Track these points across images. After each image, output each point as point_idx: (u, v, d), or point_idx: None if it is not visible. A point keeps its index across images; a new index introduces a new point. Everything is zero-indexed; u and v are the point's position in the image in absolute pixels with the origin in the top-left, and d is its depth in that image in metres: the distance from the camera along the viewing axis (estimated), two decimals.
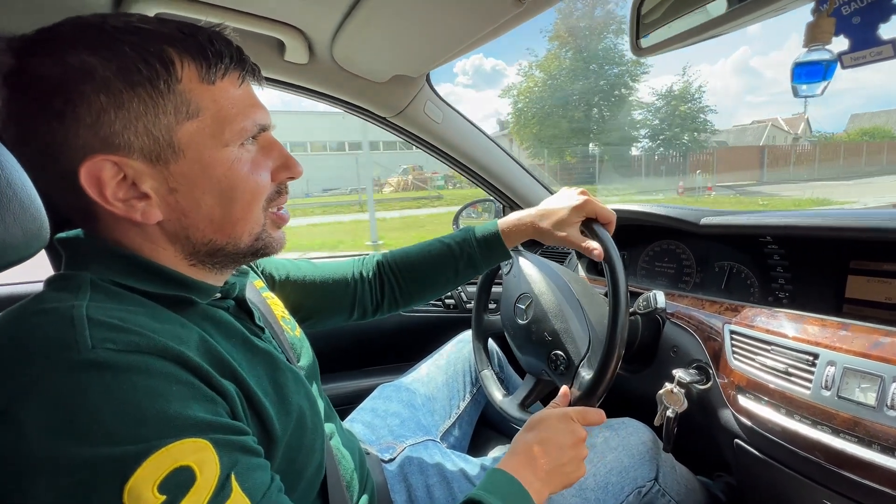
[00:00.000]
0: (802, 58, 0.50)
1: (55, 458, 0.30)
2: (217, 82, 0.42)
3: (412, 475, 0.74)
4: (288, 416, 0.46)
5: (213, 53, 0.41)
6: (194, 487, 0.32)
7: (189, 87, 0.41)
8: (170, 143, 0.40)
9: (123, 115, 0.38)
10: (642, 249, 1.13)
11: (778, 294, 0.85)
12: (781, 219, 0.79)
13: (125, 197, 0.40)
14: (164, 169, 0.41)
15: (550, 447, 0.58)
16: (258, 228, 0.47)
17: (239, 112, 0.43)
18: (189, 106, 0.41)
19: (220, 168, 0.43)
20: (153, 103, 0.39)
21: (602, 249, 0.71)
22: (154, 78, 0.39)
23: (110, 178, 0.39)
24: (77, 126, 0.38)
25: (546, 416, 0.62)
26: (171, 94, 0.40)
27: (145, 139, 0.39)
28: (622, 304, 0.66)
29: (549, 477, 0.56)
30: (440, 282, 0.82)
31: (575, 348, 0.78)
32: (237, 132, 0.43)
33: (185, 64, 0.40)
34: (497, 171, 1.30)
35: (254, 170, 0.45)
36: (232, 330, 0.47)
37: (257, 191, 0.46)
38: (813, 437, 0.60)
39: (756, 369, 0.69)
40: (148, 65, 0.38)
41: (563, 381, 0.78)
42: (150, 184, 0.41)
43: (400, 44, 0.88)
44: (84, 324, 0.34)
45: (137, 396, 0.32)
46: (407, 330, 1.37)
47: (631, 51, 0.58)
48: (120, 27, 0.39)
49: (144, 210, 0.41)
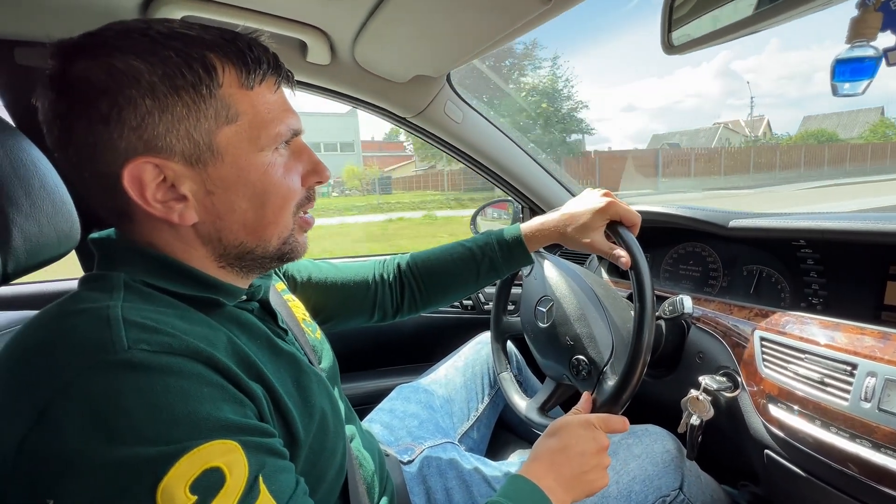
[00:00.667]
0: (845, 54, 0.47)
1: (91, 457, 0.30)
2: (255, 88, 0.43)
3: (431, 477, 0.74)
4: (311, 419, 0.46)
5: (253, 59, 0.42)
6: (224, 489, 0.32)
7: (229, 92, 0.41)
8: (209, 146, 0.41)
9: (167, 119, 0.39)
10: (666, 252, 1.10)
11: (811, 300, 0.82)
12: (817, 222, 0.76)
13: (164, 199, 0.41)
14: (203, 171, 0.41)
15: (573, 454, 0.57)
16: (287, 233, 0.48)
17: (274, 117, 0.44)
18: (229, 110, 0.42)
19: (255, 172, 0.43)
20: (195, 107, 0.40)
21: (629, 257, 0.69)
22: (197, 83, 0.40)
23: (151, 180, 0.40)
24: (122, 129, 0.38)
25: (568, 422, 0.61)
26: (212, 99, 0.41)
27: (186, 142, 0.40)
28: (648, 311, 0.64)
29: (571, 484, 0.55)
30: (461, 285, 0.82)
31: (598, 354, 0.76)
32: (272, 137, 0.44)
33: (226, 69, 0.41)
34: (517, 171, 1.28)
35: (286, 174, 0.46)
36: (257, 332, 0.48)
37: (289, 195, 0.47)
38: (850, 450, 0.57)
39: (788, 378, 0.66)
40: (192, 70, 0.39)
41: (585, 386, 0.77)
42: (189, 186, 0.41)
43: (422, 44, 0.88)
44: (120, 324, 0.35)
45: (170, 398, 0.33)
46: (425, 331, 1.37)
47: (662, 49, 0.56)
48: (165, 33, 0.40)
49: (182, 212, 0.42)
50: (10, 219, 0.44)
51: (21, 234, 0.45)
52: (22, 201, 0.46)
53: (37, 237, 0.47)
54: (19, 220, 0.45)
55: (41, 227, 0.47)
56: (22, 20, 0.72)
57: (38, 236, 0.47)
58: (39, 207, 0.48)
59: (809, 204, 12.89)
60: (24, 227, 0.45)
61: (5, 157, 0.45)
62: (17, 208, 0.45)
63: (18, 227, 0.45)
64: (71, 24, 0.72)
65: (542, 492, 0.52)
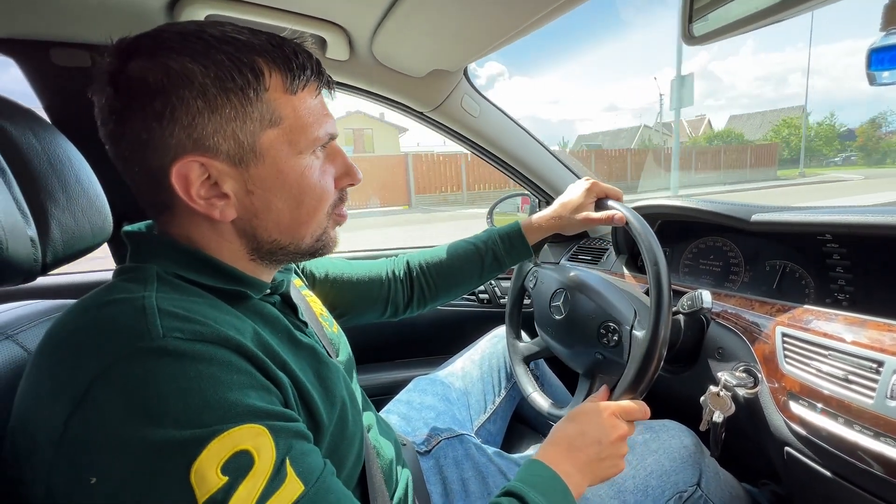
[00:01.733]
0: (881, 42, 0.45)
1: (130, 439, 0.32)
2: (298, 93, 0.45)
3: (447, 468, 0.75)
4: (332, 407, 0.48)
5: (298, 66, 0.44)
6: (253, 470, 0.33)
7: (274, 96, 0.43)
8: (252, 147, 0.43)
9: (216, 120, 0.41)
10: (686, 246, 1.08)
11: (837, 296, 0.79)
12: (844, 216, 0.73)
13: (207, 196, 0.43)
14: (245, 172, 0.43)
15: (590, 440, 0.57)
16: (320, 231, 0.50)
17: (314, 122, 0.46)
18: (273, 114, 0.43)
19: (293, 174, 0.45)
20: (243, 110, 0.42)
21: (622, 214, 0.76)
22: (246, 86, 0.41)
23: (196, 178, 0.42)
24: (174, 127, 0.40)
25: (587, 409, 0.61)
26: (258, 102, 0.42)
27: (232, 143, 0.42)
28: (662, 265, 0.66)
29: (588, 469, 0.56)
30: (466, 279, 0.87)
31: (622, 315, 0.77)
32: (311, 141, 0.46)
33: (272, 74, 0.43)
34: (535, 166, 1.28)
35: (322, 177, 0.48)
36: (279, 324, 0.49)
37: (323, 197, 0.48)
38: (874, 448, 0.56)
39: (811, 375, 0.65)
40: (241, 74, 0.41)
41: (618, 354, 0.77)
42: (231, 185, 0.43)
43: (439, 38, 0.88)
44: (155, 313, 0.36)
45: (202, 384, 0.34)
46: (441, 324, 1.38)
47: (682, 39, 0.55)
48: (217, 36, 0.41)
49: (223, 209, 0.44)
50: (49, 212, 0.46)
51: (58, 226, 0.47)
52: (59, 195, 0.48)
53: (72, 229, 0.49)
54: (57, 213, 0.47)
55: (76, 220, 0.50)
56: (56, 22, 0.75)
57: (73, 229, 0.49)
58: (75, 201, 0.50)
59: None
60: (61, 220, 0.47)
61: (43, 153, 0.48)
62: (54, 202, 0.47)
63: (56, 219, 0.47)
64: (102, 24, 0.74)
65: (559, 477, 0.52)
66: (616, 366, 0.77)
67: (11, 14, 0.73)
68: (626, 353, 0.74)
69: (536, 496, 0.48)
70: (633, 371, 0.66)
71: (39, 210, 0.45)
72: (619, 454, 0.58)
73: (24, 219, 0.43)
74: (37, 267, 0.45)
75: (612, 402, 0.63)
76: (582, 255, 1.33)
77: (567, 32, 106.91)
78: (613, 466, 0.58)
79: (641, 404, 0.64)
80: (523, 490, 0.49)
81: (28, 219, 0.44)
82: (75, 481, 0.32)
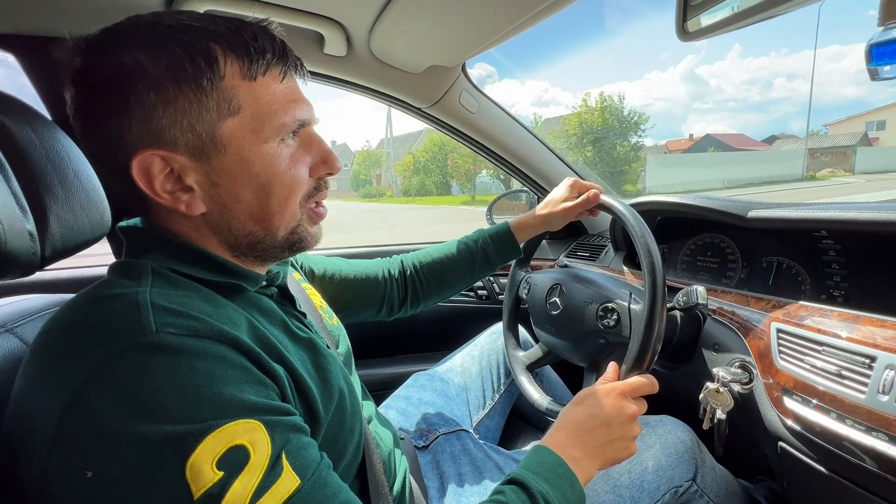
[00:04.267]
0: (880, 37, 0.45)
1: (124, 434, 0.32)
2: (258, 78, 0.43)
3: (445, 463, 0.76)
4: (330, 398, 0.48)
5: (256, 50, 0.42)
6: (248, 465, 0.34)
7: (231, 83, 0.42)
8: (212, 138, 0.42)
9: (170, 112, 0.40)
10: (683, 243, 1.09)
11: (832, 292, 0.80)
12: (840, 212, 0.74)
13: (172, 189, 0.42)
14: (207, 164, 0.42)
15: (598, 423, 0.57)
16: (294, 223, 0.48)
17: (279, 108, 0.44)
18: (231, 102, 0.42)
19: (259, 164, 0.44)
20: (197, 101, 0.40)
21: (595, 191, 0.82)
22: (199, 76, 0.40)
23: (158, 172, 0.41)
24: (130, 122, 0.40)
25: (595, 391, 0.61)
26: (213, 91, 0.41)
27: (189, 135, 0.41)
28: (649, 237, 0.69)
29: (597, 453, 0.55)
30: (458, 278, 0.89)
31: (618, 294, 0.80)
32: (276, 128, 0.44)
33: (228, 61, 0.41)
34: (532, 161, 1.28)
35: (292, 165, 0.46)
36: (276, 315, 0.49)
37: (294, 186, 0.47)
38: (866, 443, 0.56)
39: (805, 370, 0.66)
40: (194, 63, 0.40)
41: (620, 333, 0.78)
42: (194, 177, 0.43)
43: (437, 34, 0.88)
44: (149, 309, 0.36)
45: (196, 379, 0.34)
46: (440, 319, 1.39)
47: (676, 35, 0.55)
48: (172, 25, 0.40)
49: (189, 202, 0.43)
50: (48, 207, 0.46)
51: (57, 221, 0.47)
52: (57, 190, 0.48)
53: (71, 224, 0.49)
54: (55, 208, 0.47)
55: (75, 214, 0.50)
56: (56, 17, 0.76)
57: (72, 223, 0.50)
58: (73, 196, 0.50)
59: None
60: (59, 215, 0.48)
61: (42, 148, 0.48)
62: (53, 197, 0.47)
63: (55, 214, 0.47)
64: (102, 20, 0.74)
65: (566, 463, 0.52)
66: (620, 347, 0.78)
67: (12, 10, 0.73)
68: (626, 330, 0.76)
69: (540, 483, 0.48)
70: (637, 344, 0.66)
71: (38, 205, 0.45)
72: (629, 436, 0.58)
73: (23, 213, 0.44)
74: (35, 261, 0.45)
75: (619, 382, 0.62)
76: (580, 251, 1.33)
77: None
78: (624, 449, 0.57)
79: (650, 377, 0.63)
80: (527, 477, 0.48)
81: (27, 213, 0.44)
82: (71, 476, 0.32)
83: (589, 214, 0.88)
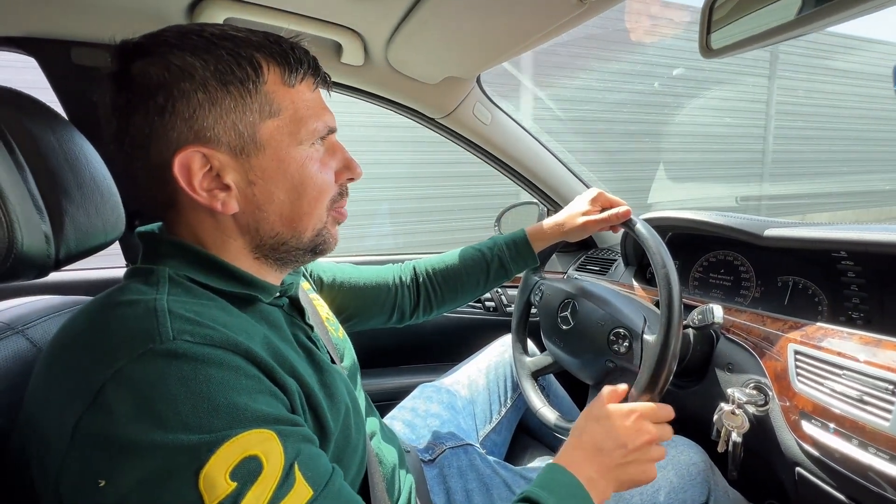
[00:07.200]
0: None
1: (139, 441, 0.32)
2: (296, 86, 0.46)
3: (451, 478, 0.74)
4: (337, 413, 0.48)
5: (295, 60, 0.45)
6: (261, 476, 0.33)
7: (272, 88, 0.44)
8: (253, 138, 0.44)
9: (216, 112, 0.42)
10: (696, 259, 1.07)
11: (851, 314, 0.78)
12: (860, 233, 0.72)
13: (209, 187, 0.43)
14: (246, 162, 0.44)
15: (616, 445, 0.55)
16: (321, 225, 0.50)
17: (312, 114, 0.47)
18: (271, 105, 0.44)
19: (293, 164, 0.46)
20: (242, 101, 0.43)
21: (624, 210, 0.78)
22: (245, 79, 0.43)
23: (199, 169, 0.42)
24: (175, 119, 0.41)
25: (614, 411, 0.59)
26: (257, 94, 0.44)
27: (232, 134, 0.43)
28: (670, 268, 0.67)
29: (614, 475, 0.54)
30: (472, 286, 0.88)
31: (632, 321, 0.77)
32: (310, 132, 0.47)
33: (270, 68, 0.44)
34: (544, 174, 1.27)
35: (321, 169, 0.49)
36: (284, 329, 0.49)
37: (324, 188, 0.49)
38: (890, 472, 0.55)
39: (824, 394, 0.64)
40: (240, 67, 0.42)
41: (629, 360, 0.76)
42: (233, 176, 0.44)
43: (455, 46, 0.89)
44: (166, 316, 0.36)
45: (211, 388, 0.34)
46: (447, 330, 1.38)
47: (700, 52, 0.55)
48: (217, 34, 0.43)
49: (225, 200, 0.44)
50: (64, 208, 0.46)
51: (72, 222, 0.47)
52: (74, 192, 0.48)
53: (86, 226, 0.49)
54: (71, 209, 0.47)
55: (90, 217, 0.50)
56: (78, 22, 0.76)
57: (87, 226, 0.49)
58: (89, 198, 0.50)
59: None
60: (75, 217, 0.47)
61: (59, 149, 0.48)
62: (69, 199, 0.47)
63: (70, 216, 0.47)
64: (123, 24, 0.75)
65: (581, 485, 0.50)
66: (628, 373, 0.77)
67: (35, 13, 0.74)
68: (637, 359, 0.74)
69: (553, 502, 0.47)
70: (648, 373, 0.65)
71: (54, 206, 0.45)
72: (648, 459, 0.56)
73: (40, 214, 0.43)
74: (50, 262, 0.45)
75: (638, 404, 0.61)
76: (590, 265, 1.32)
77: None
78: (642, 473, 0.56)
79: (665, 406, 0.62)
80: (541, 496, 0.47)
81: (43, 214, 0.44)
82: (84, 483, 0.32)
83: (610, 230, 0.85)
